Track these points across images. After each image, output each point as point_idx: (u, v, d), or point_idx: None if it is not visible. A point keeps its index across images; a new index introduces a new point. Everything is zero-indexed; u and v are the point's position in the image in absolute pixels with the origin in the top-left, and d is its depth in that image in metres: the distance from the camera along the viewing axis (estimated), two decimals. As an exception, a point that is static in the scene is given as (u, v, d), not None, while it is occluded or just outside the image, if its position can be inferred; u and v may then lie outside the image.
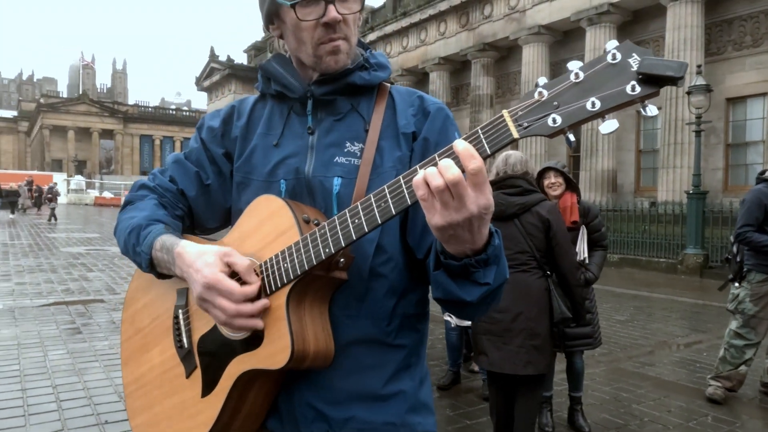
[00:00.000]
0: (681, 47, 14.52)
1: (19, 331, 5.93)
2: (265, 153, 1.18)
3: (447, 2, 22.01)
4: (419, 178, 0.85)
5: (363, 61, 1.18)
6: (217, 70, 40.03)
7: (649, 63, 0.79)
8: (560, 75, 0.85)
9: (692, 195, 12.23)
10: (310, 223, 1.05)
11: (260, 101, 1.27)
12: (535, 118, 0.84)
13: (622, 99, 0.80)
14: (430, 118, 1.16)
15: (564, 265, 3.04)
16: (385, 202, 0.92)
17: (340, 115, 1.17)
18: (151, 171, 1.34)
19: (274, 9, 1.14)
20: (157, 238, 1.10)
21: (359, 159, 1.12)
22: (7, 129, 70.67)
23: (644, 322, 7.31)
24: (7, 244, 14.94)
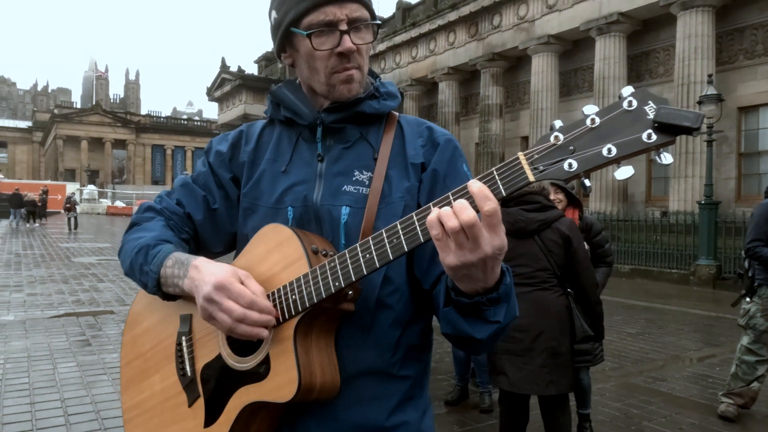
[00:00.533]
0: (692, 56, 14.45)
1: (30, 343, 5.98)
2: (273, 179, 1.18)
3: (456, 13, 22.09)
4: (433, 216, 0.86)
5: (373, 90, 1.19)
6: (228, 80, 40.37)
7: (666, 113, 0.79)
8: (577, 120, 0.85)
9: (704, 205, 12.11)
10: (318, 253, 1.04)
11: (268, 126, 1.27)
12: (550, 162, 0.85)
13: (638, 147, 0.80)
14: (439, 150, 1.17)
15: (585, 282, 3.01)
16: (397, 238, 0.93)
17: (349, 143, 1.17)
18: (158, 194, 1.33)
19: (289, 37, 1.14)
20: (169, 255, 1.10)
21: (367, 188, 1.12)
22: (21, 139, 71.63)
23: (656, 336, 7.22)
24: (20, 254, 15.10)
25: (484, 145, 21.07)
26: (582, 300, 3.04)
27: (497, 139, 20.94)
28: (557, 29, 18.35)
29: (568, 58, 19.15)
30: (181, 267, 1.07)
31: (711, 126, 12.00)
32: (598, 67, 16.93)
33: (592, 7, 17.12)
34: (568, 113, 19.30)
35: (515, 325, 2.91)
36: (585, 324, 3.01)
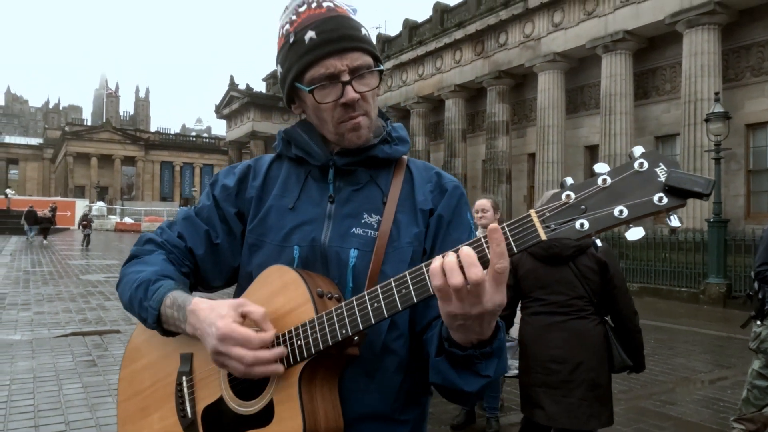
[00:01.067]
0: (698, 73, 14.45)
1: (36, 364, 5.98)
2: (280, 216, 1.18)
3: (462, 31, 22.27)
4: (437, 266, 0.85)
5: (386, 135, 1.19)
6: (237, 98, 40.75)
7: (677, 177, 0.80)
8: (588, 179, 0.87)
9: (713, 223, 12.02)
10: (324, 297, 1.04)
11: (276, 161, 1.27)
12: (562, 221, 0.85)
13: (650, 209, 0.82)
14: (446, 196, 1.18)
15: (624, 309, 2.91)
16: (406, 288, 0.92)
17: (359, 185, 1.18)
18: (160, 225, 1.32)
19: (295, 91, 1.16)
20: (168, 294, 1.08)
21: (376, 231, 1.12)
22: (32, 156, 72.45)
23: (666, 357, 7.12)
24: (29, 271, 15.18)
25: (491, 162, 21.09)
26: (620, 328, 2.92)
27: (504, 156, 20.95)
28: (563, 47, 18.44)
29: (574, 75, 19.21)
30: (180, 310, 1.06)
31: (719, 144, 11.96)
32: (605, 84, 16.97)
33: (597, 25, 17.21)
34: (574, 130, 19.31)
35: (551, 356, 2.83)
36: (623, 354, 2.89)
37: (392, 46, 27.47)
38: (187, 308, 1.04)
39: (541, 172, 19.04)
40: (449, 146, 23.39)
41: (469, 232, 1.18)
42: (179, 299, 1.07)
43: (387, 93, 27.31)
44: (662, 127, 16.89)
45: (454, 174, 23.21)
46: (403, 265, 1.09)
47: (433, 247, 1.15)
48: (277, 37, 1.20)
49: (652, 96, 17.16)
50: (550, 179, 18.74)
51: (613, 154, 16.55)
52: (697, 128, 14.21)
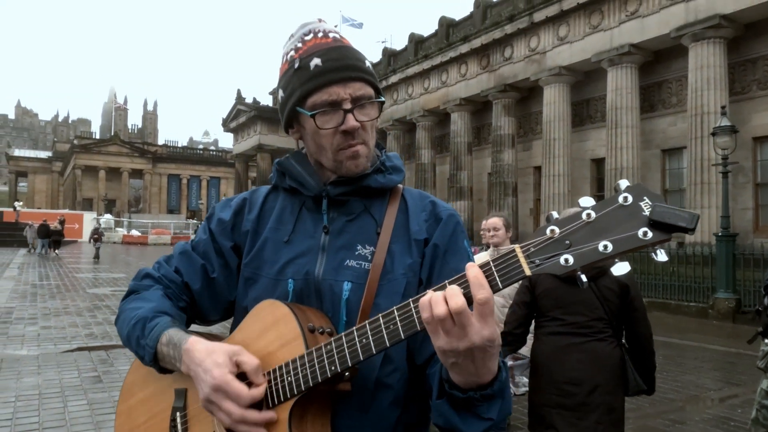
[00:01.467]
0: (704, 87, 14.44)
1: (42, 380, 5.98)
2: (275, 249, 1.18)
3: (467, 45, 22.39)
4: (425, 299, 0.86)
5: (380, 164, 1.20)
6: (244, 111, 41.05)
7: (661, 211, 0.80)
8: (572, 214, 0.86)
9: (721, 237, 11.93)
10: (315, 332, 1.03)
11: (272, 192, 1.27)
12: (547, 256, 0.85)
13: (634, 244, 0.81)
14: (441, 225, 1.17)
15: (643, 332, 2.88)
16: (393, 324, 0.92)
17: (352, 215, 1.18)
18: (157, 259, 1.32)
19: (295, 115, 1.17)
20: (164, 332, 1.08)
21: (369, 263, 1.12)
22: (41, 169, 73.09)
23: (675, 374, 7.04)
24: (36, 284, 15.25)
25: (497, 175, 21.09)
26: (637, 351, 2.89)
27: (510, 169, 20.95)
28: (568, 60, 18.48)
29: (579, 88, 19.24)
30: (175, 349, 1.06)
31: (726, 157, 11.91)
32: (611, 97, 16.97)
33: (603, 39, 17.26)
34: (581, 143, 19.30)
35: (569, 377, 2.80)
36: (638, 377, 2.87)
37: (398, 60, 27.64)
38: (183, 347, 1.05)
39: (547, 185, 19.01)
40: (455, 159, 23.42)
41: (467, 261, 1.16)
42: (175, 338, 1.07)
43: (393, 106, 27.43)
44: (669, 140, 16.85)
45: (460, 187, 23.23)
46: (397, 297, 1.10)
47: (430, 277, 1.14)
48: (281, 63, 1.21)
49: (659, 109, 17.15)
50: (557, 192, 18.70)
51: (620, 167, 16.52)
52: (704, 141, 14.17)
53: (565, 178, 18.78)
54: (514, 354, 3.92)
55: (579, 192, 19.14)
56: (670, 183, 17.17)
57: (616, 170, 16.61)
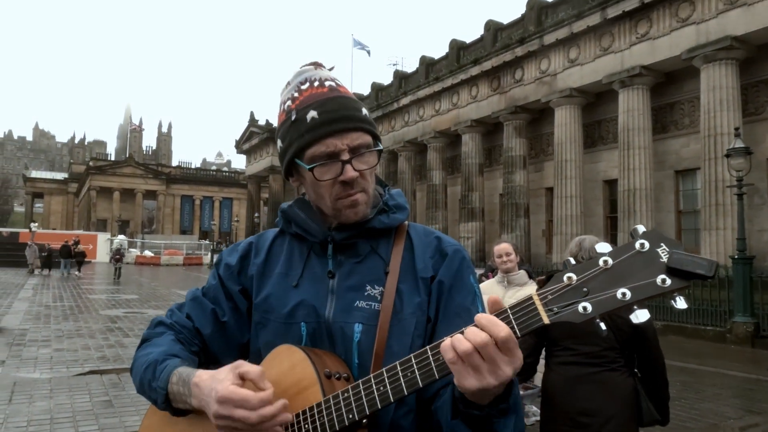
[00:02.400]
0: (717, 108, 14.38)
1: (54, 404, 5.99)
2: (284, 293, 1.18)
3: (478, 67, 22.54)
4: (446, 342, 0.86)
5: (383, 205, 1.20)
6: (256, 133, 41.50)
7: (679, 258, 0.79)
8: (589, 260, 0.86)
9: (738, 260, 11.76)
10: (332, 377, 1.04)
11: (280, 237, 1.28)
12: (565, 304, 0.85)
13: (653, 292, 0.81)
14: (447, 260, 1.17)
15: (656, 361, 2.85)
16: (411, 372, 0.92)
17: (360, 257, 1.18)
18: (170, 307, 1.34)
19: (294, 166, 1.18)
20: (173, 371, 1.09)
21: (379, 303, 1.12)
22: (57, 190, 74.09)
23: (692, 401, 6.89)
24: (50, 306, 15.36)
25: (509, 196, 21.04)
26: (650, 381, 2.85)
27: (521, 190, 20.91)
28: (579, 82, 18.53)
29: (591, 110, 19.25)
30: (185, 385, 1.06)
31: (741, 179, 11.80)
32: (622, 119, 16.95)
33: (614, 61, 17.30)
34: (593, 164, 19.24)
35: (582, 408, 2.77)
36: (652, 408, 2.83)
37: (409, 82, 27.87)
38: (191, 382, 1.05)
39: (559, 206, 18.92)
40: (466, 180, 23.42)
41: (473, 296, 1.16)
42: (184, 374, 1.08)
43: (404, 128, 27.59)
44: (682, 161, 16.75)
45: (471, 208, 23.19)
46: (407, 338, 1.10)
47: (437, 315, 1.14)
48: (278, 111, 1.22)
49: (671, 130, 17.08)
50: (569, 213, 18.60)
51: (633, 188, 16.42)
52: (717, 162, 14.06)
53: (578, 200, 18.69)
54: (524, 383, 3.87)
55: (592, 213, 19.03)
56: (684, 204, 17.02)
57: (629, 191, 16.50)
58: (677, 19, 15.51)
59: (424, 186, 26.84)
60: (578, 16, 18.11)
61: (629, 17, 16.72)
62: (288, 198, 41.44)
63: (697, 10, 15.05)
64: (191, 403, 1.06)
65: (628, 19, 16.78)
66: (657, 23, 16.12)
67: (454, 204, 25.50)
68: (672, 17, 15.67)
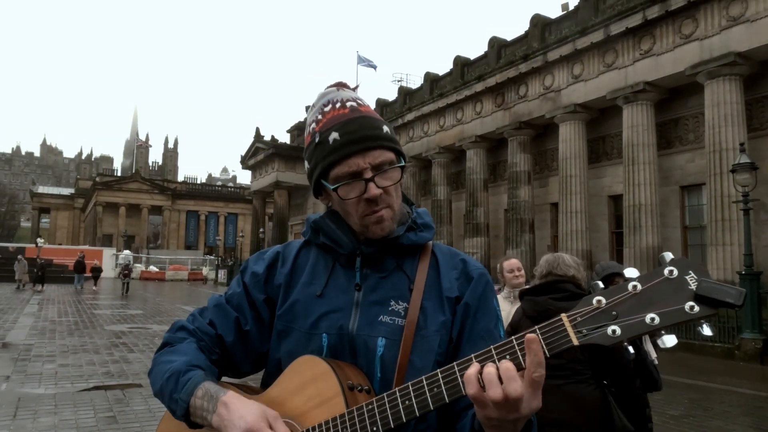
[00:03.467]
0: (722, 123, 14.40)
1: (58, 420, 5.97)
2: (308, 303, 1.20)
3: (482, 84, 22.67)
4: (471, 373, 0.88)
5: (411, 223, 1.22)
6: (262, 149, 41.71)
7: (708, 287, 0.81)
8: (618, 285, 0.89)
9: (745, 275, 11.69)
10: (354, 390, 1.04)
11: (305, 247, 1.30)
12: (594, 326, 0.87)
13: (681, 318, 0.83)
14: (473, 284, 1.19)
15: (623, 375, 2.85)
16: (437, 387, 0.93)
17: (385, 272, 1.20)
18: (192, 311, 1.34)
19: (321, 185, 1.21)
20: (199, 385, 1.09)
21: (403, 319, 1.14)
22: (64, 206, 74.55)
23: (701, 419, 6.81)
24: (55, 321, 15.37)
25: (514, 212, 21.03)
26: (620, 392, 2.87)
27: (526, 205, 20.90)
28: (583, 98, 18.60)
29: (595, 125, 19.30)
30: (211, 400, 1.06)
31: (746, 194, 11.78)
32: (627, 134, 16.98)
33: (617, 77, 17.38)
34: (597, 179, 19.24)
35: (550, 419, 2.76)
36: (624, 419, 2.83)
37: (414, 98, 28.04)
38: (221, 399, 1.05)
39: (564, 221, 18.89)
40: (471, 196, 23.44)
41: (496, 320, 1.19)
42: (212, 390, 1.08)
43: (409, 143, 27.70)
44: (687, 176, 16.73)
45: (476, 224, 23.17)
46: (431, 355, 1.11)
47: (460, 336, 1.15)
48: (305, 133, 1.26)
49: (676, 146, 17.09)
50: (574, 229, 18.57)
51: (638, 203, 16.39)
52: (723, 178, 14.04)
53: (583, 215, 18.67)
54: None
55: (597, 229, 18.98)
56: (690, 220, 16.96)
57: (634, 207, 16.48)
58: (680, 36, 15.60)
59: (428, 201, 26.85)
60: (582, 32, 18.25)
61: (632, 34, 16.83)
62: (293, 213, 41.61)
63: (700, 26, 15.14)
64: (210, 420, 1.06)
65: (631, 35, 16.89)
66: (660, 40, 16.21)
67: (458, 219, 25.50)
68: (675, 34, 15.77)
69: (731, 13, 14.39)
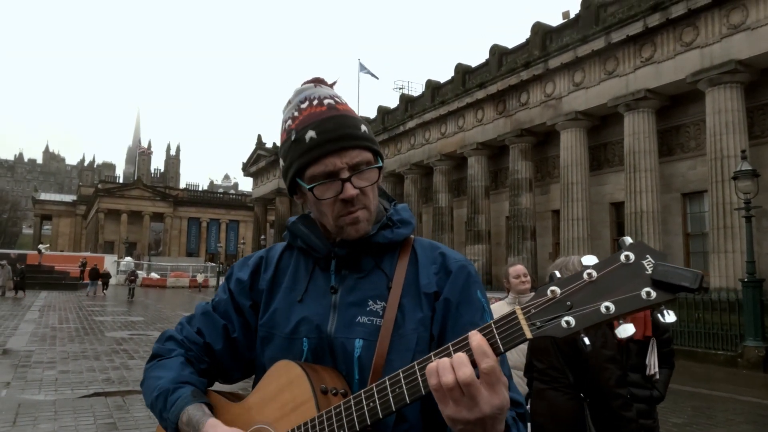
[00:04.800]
0: (723, 131, 14.40)
1: (57, 426, 5.95)
2: (288, 309, 1.19)
3: (484, 91, 22.72)
4: (432, 366, 0.85)
5: (386, 220, 1.20)
6: (264, 156, 41.80)
7: (664, 270, 0.77)
8: (574, 273, 0.85)
9: (748, 283, 11.64)
10: (328, 393, 1.03)
11: (288, 251, 1.29)
12: (548, 318, 0.83)
13: (638, 305, 0.78)
14: (452, 277, 1.15)
15: (596, 388, 2.67)
16: (399, 388, 0.92)
17: (363, 272, 1.18)
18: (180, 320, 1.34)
19: (296, 184, 1.19)
20: (184, 409, 1.11)
21: (381, 318, 1.11)
22: (66, 212, 74.64)
23: (704, 427, 6.77)
24: (56, 327, 15.35)
25: (515, 219, 21.01)
26: (598, 408, 2.70)
27: (528, 212, 20.88)
28: (585, 106, 18.62)
29: (597, 132, 19.31)
30: (192, 428, 1.08)
31: (748, 201, 11.76)
32: (628, 141, 16.98)
33: (619, 84, 17.41)
34: (599, 187, 19.23)
35: (534, 421, 2.84)
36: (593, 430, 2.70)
37: (415, 106, 28.09)
38: (201, 429, 1.07)
39: (566, 229, 18.87)
40: (472, 203, 23.44)
41: (482, 313, 1.14)
42: (194, 418, 1.09)
43: (410, 151, 27.74)
44: (689, 183, 16.72)
45: (478, 231, 23.14)
46: (409, 353, 1.09)
47: (443, 333, 1.12)
48: (280, 130, 1.22)
49: (677, 153, 17.09)
50: (576, 236, 18.53)
51: (639, 211, 16.37)
52: (725, 185, 14.02)
53: (584, 222, 18.64)
54: None
55: (599, 236, 18.94)
56: (692, 227, 16.93)
57: (635, 214, 16.45)
58: (681, 44, 15.64)
59: (430, 208, 26.85)
60: (583, 40, 18.30)
61: (633, 42, 16.87)
62: (294, 220, 41.51)
63: (701, 34, 15.17)
64: None
65: (632, 43, 16.94)
66: (661, 47, 16.25)
67: (460, 226, 25.48)
68: (676, 41, 15.80)
69: (732, 21, 14.43)
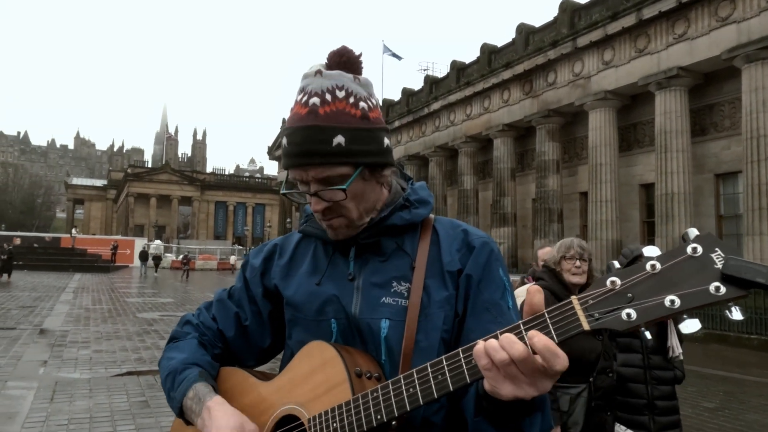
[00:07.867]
0: (760, 108, 13.93)
1: (93, 404, 6.13)
2: (309, 291, 1.18)
3: (510, 71, 22.35)
4: (479, 348, 0.83)
5: (403, 201, 1.17)
6: (288, 139, 41.95)
7: (736, 265, 0.72)
8: (635, 264, 0.81)
9: (783, 265, 11.30)
10: (362, 376, 1.02)
11: (305, 239, 1.28)
12: (607, 310, 0.79)
13: (706, 300, 0.74)
14: (474, 253, 1.13)
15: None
16: (442, 374, 0.89)
17: (385, 255, 1.16)
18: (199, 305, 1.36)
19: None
20: (191, 386, 1.12)
21: (406, 300, 1.10)
22: (97, 197, 76.32)
23: (737, 411, 6.64)
24: (89, 308, 15.78)
25: (542, 201, 20.75)
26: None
27: (555, 195, 20.59)
28: (614, 85, 18.18)
29: (626, 112, 18.86)
30: (198, 403, 1.09)
31: (786, 182, 11.36)
32: (659, 121, 16.55)
33: (650, 62, 16.93)
34: (628, 168, 18.84)
35: None
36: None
37: (440, 87, 27.82)
38: (206, 403, 1.08)
39: (593, 211, 18.57)
40: (498, 185, 23.20)
41: (503, 290, 1.12)
42: (200, 392, 1.11)
43: (435, 133, 27.54)
44: (722, 164, 16.25)
45: (503, 213, 22.94)
46: (436, 332, 1.08)
47: (465, 310, 1.11)
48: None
49: (711, 132, 16.60)
50: (604, 218, 18.23)
51: (670, 192, 16.00)
52: (761, 165, 13.60)
53: (613, 204, 18.31)
54: None
55: (628, 218, 18.60)
56: (725, 209, 16.50)
57: (666, 195, 16.09)
58: (717, 18, 15.09)
59: (455, 191, 26.69)
60: (613, 17, 17.80)
61: (666, 17, 16.34)
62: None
63: (737, 8, 14.61)
64: (195, 422, 1.09)
65: (664, 19, 16.41)
66: (695, 23, 15.71)
67: (485, 209, 25.28)
68: (711, 16, 15.25)
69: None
